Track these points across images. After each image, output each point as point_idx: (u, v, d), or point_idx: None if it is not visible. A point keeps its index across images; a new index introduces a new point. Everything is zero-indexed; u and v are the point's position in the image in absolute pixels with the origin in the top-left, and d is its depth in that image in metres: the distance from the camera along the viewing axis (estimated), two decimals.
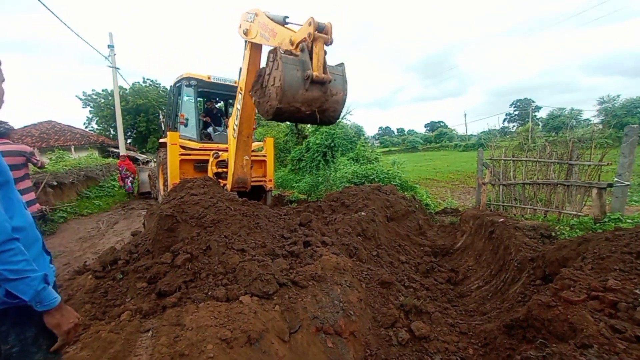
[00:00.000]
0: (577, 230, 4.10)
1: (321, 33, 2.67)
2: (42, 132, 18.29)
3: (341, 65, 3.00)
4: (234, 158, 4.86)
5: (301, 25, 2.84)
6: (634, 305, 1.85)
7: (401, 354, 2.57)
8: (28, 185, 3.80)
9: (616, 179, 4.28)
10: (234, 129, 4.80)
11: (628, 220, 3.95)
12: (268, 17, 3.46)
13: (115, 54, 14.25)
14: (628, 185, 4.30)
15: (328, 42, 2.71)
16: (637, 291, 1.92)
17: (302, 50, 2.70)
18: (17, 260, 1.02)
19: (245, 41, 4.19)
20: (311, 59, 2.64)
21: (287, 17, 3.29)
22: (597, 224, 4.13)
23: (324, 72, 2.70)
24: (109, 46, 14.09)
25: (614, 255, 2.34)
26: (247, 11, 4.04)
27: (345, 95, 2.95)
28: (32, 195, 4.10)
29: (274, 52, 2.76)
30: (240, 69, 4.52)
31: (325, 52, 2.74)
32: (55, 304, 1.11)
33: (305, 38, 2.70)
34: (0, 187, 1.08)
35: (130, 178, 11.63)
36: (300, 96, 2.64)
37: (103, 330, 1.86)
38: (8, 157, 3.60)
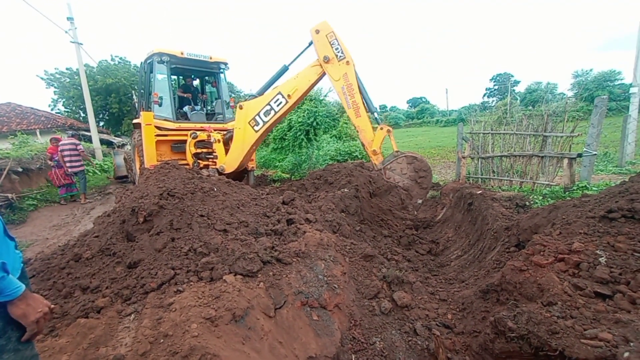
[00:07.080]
0: (549, 198, 4.32)
1: None
2: (1, 115, 16.91)
3: None
4: (248, 149, 5.55)
5: None
6: (594, 264, 1.99)
7: (384, 323, 2.69)
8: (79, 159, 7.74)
9: (585, 149, 4.48)
10: (256, 122, 5.38)
11: (594, 188, 4.19)
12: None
13: (76, 28, 13.09)
14: (595, 154, 4.53)
15: None
16: (597, 251, 2.06)
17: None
18: None
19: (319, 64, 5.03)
20: None
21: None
22: (567, 192, 4.36)
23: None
24: (68, 18, 12.88)
25: (580, 220, 2.48)
26: (336, 35, 4.89)
27: None
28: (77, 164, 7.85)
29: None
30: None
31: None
32: (17, 293, 1.03)
33: None
34: None
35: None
36: None
37: (82, 316, 1.82)
38: (72, 145, 7.62)
